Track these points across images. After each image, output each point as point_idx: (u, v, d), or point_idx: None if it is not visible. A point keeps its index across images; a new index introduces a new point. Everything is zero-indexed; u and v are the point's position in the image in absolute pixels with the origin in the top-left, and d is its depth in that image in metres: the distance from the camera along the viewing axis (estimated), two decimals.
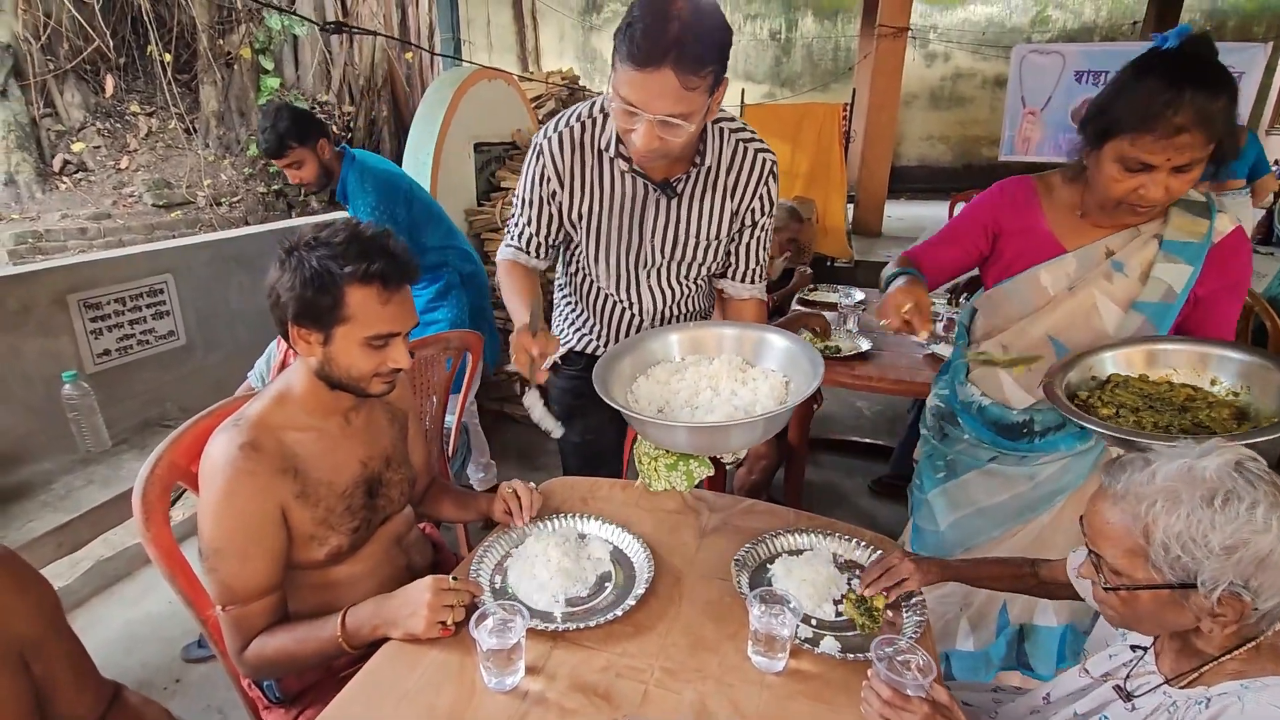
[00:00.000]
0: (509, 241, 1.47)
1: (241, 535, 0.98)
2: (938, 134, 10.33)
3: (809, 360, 1.24)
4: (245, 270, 2.62)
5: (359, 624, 1.00)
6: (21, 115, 5.18)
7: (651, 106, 1.06)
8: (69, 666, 0.76)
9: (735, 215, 1.40)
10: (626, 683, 0.92)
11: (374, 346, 1.03)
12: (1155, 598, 0.75)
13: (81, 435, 1.88)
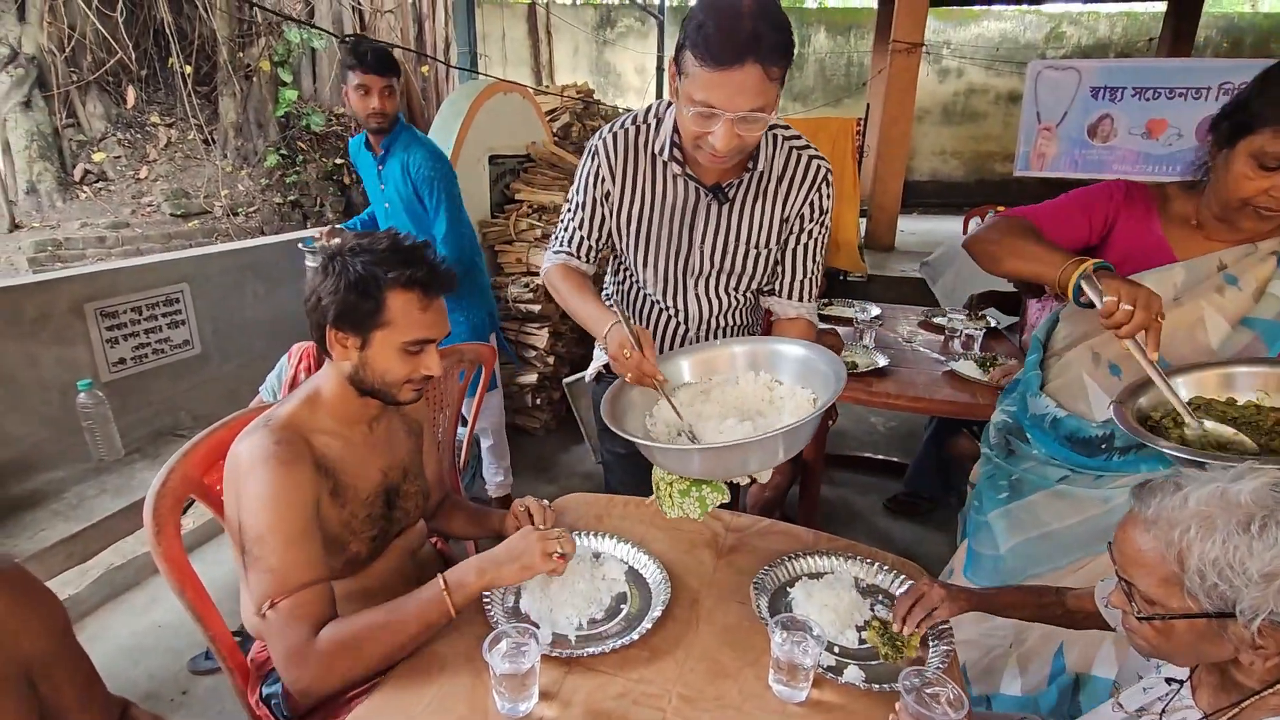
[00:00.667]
0: (557, 248, 1.45)
1: (287, 521, 0.95)
2: (950, 149, 10.31)
3: (829, 366, 1.18)
4: (260, 280, 2.63)
5: (461, 579, 0.98)
6: (45, 125, 5.26)
7: (734, 104, 1.05)
8: (77, 685, 0.74)
9: (785, 222, 1.37)
10: (643, 710, 0.89)
11: (409, 352, 1.04)
12: (1191, 628, 0.71)
13: (95, 444, 1.88)
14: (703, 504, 1.25)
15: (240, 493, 0.97)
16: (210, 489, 1.18)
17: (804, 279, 1.42)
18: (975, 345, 2.34)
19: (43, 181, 5.20)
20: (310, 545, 0.96)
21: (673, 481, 1.27)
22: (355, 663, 0.93)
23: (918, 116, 9.64)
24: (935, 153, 10.38)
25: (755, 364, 1.31)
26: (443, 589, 0.96)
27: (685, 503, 1.25)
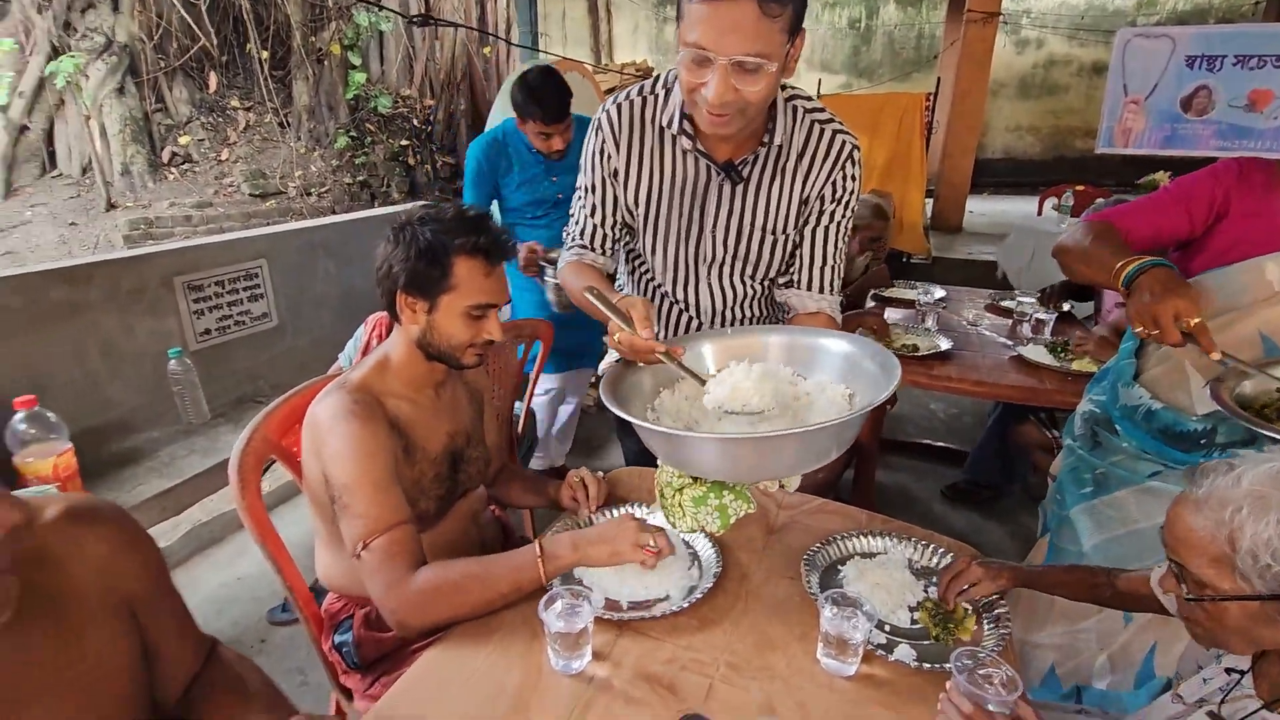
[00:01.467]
0: (569, 243, 1.36)
1: (372, 469, 1.00)
2: (1026, 125, 9.77)
3: (877, 363, 1.03)
4: (331, 257, 2.75)
5: (556, 550, 1.00)
6: (136, 110, 5.60)
7: (726, 45, 0.94)
8: (173, 620, 0.82)
9: (805, 203, 1.25)
10: (691, 676, 0.91)
11: (473, 317, 1.08)
12: (1244, 610, 0.69)
13: (184, 408, 2.03)
14: (724, 515, 1.07)
15: (322, 450, 1.03)
16: (288, 450, 1.26)
17: (824, 267, 1.30)
18: (1046, 330, 2.24)
19: (135, 164, 5.54)
20: (395, 490, 1.02)
21: (682, 488, 1.09)
22: (448, 605, 0.98)
23: (992, 90, 9.16)
24: (1010, 129, 9.86)
25: (792, 357, 1.14)
26: (538, 555, 0.99)
27: (700, 513, 1.07)
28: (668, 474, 1.11)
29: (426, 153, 6.90)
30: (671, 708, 0.86)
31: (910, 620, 1.02)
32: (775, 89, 1.05)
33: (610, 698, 0.88)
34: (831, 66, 10.07)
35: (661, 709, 0.86)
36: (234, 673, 0.87)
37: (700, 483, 1.08)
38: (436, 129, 7.10)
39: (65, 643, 0.66)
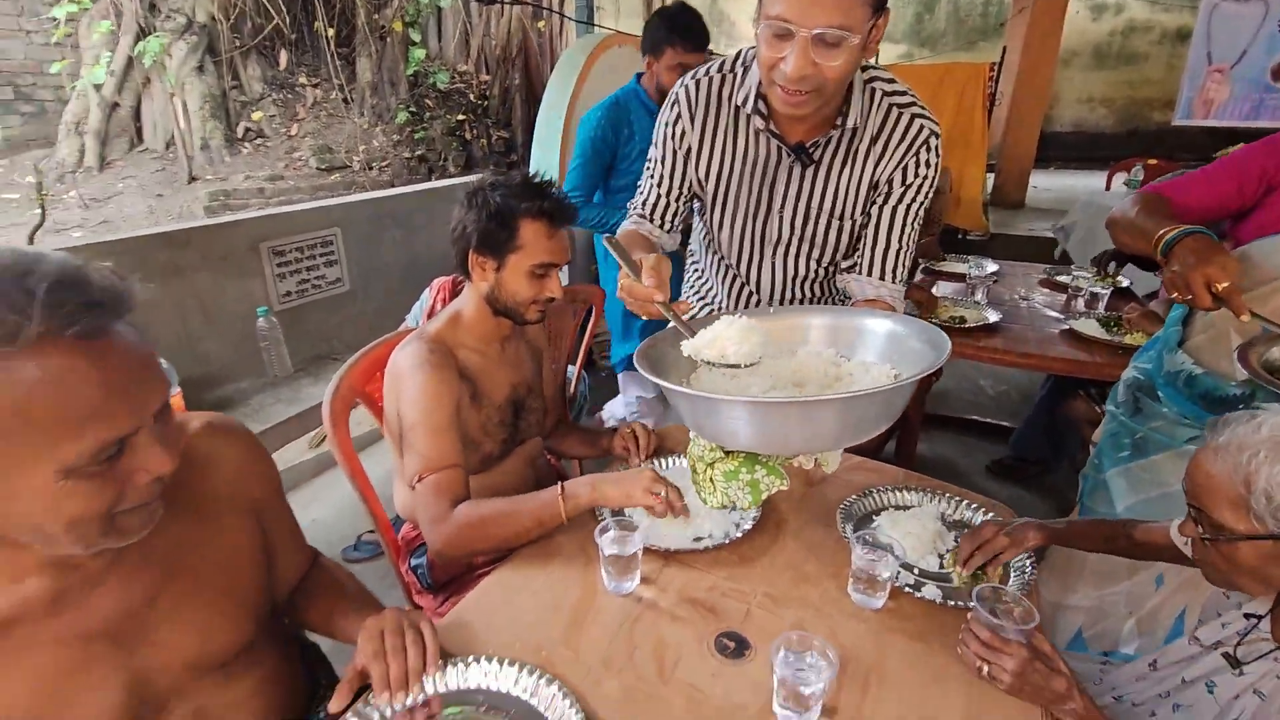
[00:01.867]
0: (632, 211, 1.38)
1: (435, 413, 1.13)
2: (1099, 96, 9.27)
3: (924, 340, 1.01)
4: (398, 226, 2.90)
5: (576, 489, 1.08)
6: (214, 88, 5.90)
7: (809, 17, 0.94)
8: (287, 527, 0.95)
9: (875, 187, 1.23)
10: (731, 602, 1.01)
11: (536, 275, 1.18)
12: (1256, 550, 0.73)
13: (270, 362, 2.22)
14: (755, 490, 1.04)
15: (399, 391, 1.16)
16: (370, 395, 1.40)
17: (887, 251, 1.25)
18: (1100, 304, 2.22)
19: (213, 139, 5.86)
20: (451, 437, 1.14)
21: (714, 462, 1.07)
22: (479, 537, 1.09)
23: (1064, 60, 8.74)
24: (1081, 100, 9.37)
25: (835, 340, 1.12)
26: (559, 495, 1.10)
27: (732, 487, 1.05)
28: (699, 448, 1.09)
29: (482, 127, 7.04)
30: (711, 626, 0.96)
31: (939, 565, 1.08)
32: (854, 67, 1.03)
33: (656, 615, 0.98)
34: (892, 35, 9.73)
35: (702, 627, 0.96)
36: (333, 576, 1.01)
37: (733, 457, 1.05)
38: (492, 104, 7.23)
39: (207, 530, 0.80)
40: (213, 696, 0.80)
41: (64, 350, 0.56)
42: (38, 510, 0.59)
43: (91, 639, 0.69)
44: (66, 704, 0.68)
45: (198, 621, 0.77)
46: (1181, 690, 0.92)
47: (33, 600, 0.66)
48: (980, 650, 0.85)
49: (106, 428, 0.59)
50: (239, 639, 0.81)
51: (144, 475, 0.63)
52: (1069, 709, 0.81)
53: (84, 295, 0.57)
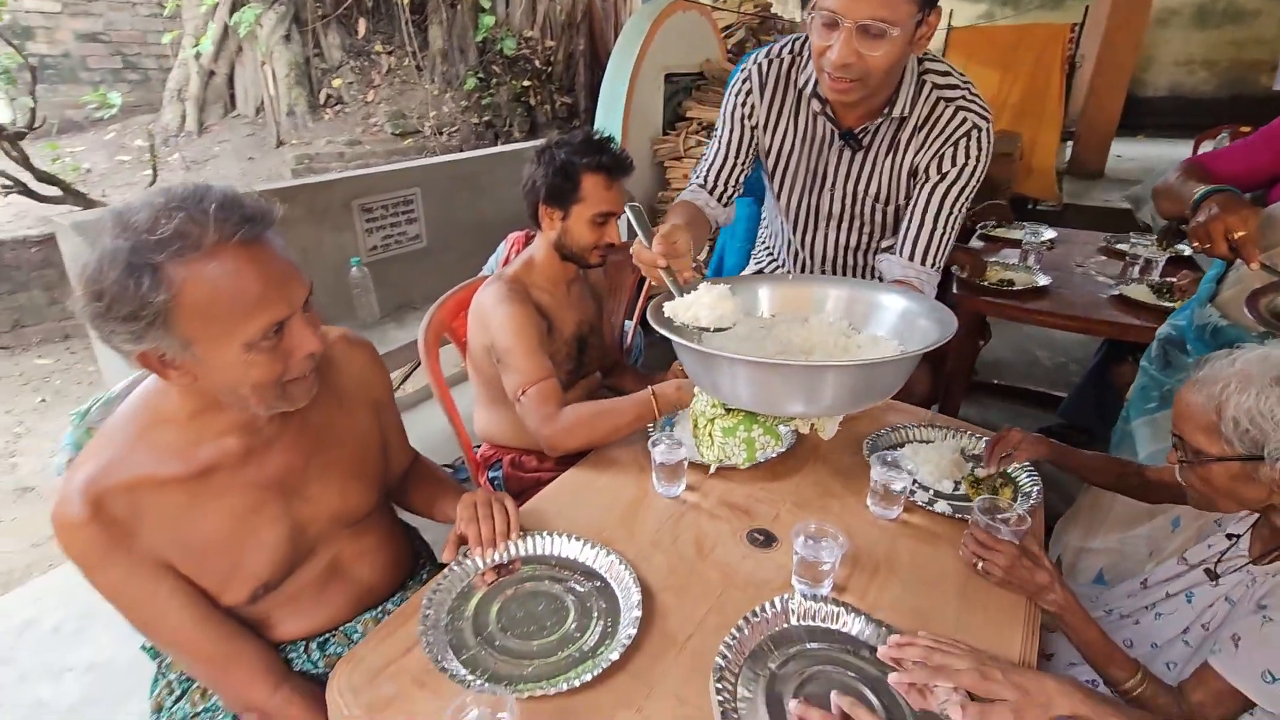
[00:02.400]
0: (693, 180, 1.45)
1: (526, 336, 1.31)
2: (1200, 58, 8.64)
3: (933, 319, 1.05)
4: (470, 188, 3.11)
5: (664, 391, 1.25)
6: (299, 56, 6.25)
7: (853, 9, 1.01)
8: (397, 424, 1.17)
9: (913, 175, 1.28)
10: (763, 507, 1.17)
11: (597, 223, 1.35)
12: (1227, 470, 0.84)
13: (361, 308, 2.47)
14: (750, 448, 1.08)
15: (488, 324, 1.35)
16: (456, 331, 1.61)
17: (919, 234, 1.27)
18: (1155, 270, 2.22)
19: (298, 105, 6.23)
20: (543, 355, 1.33)
21: (715, 419, 1.11)
22: (586, 432, 1.28)
23: (1161, 19, 8.19)
24: (1179, 62, 8.76)
25: (850, 312, 1.17)
26: (651, 394, 1.28)
27: (729, 444, 1.09)
28: (702, 403, 1.13)
29: (546, 93, 7.19)
30: (744, 523, 1.12)
31: (953, 488, 1.21)
32: (898, 59, 1.08)
33: (698, 514, 1.15)
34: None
35: (737, 524, 1.12)
36: (431, 470, 1.23)
37: (733, 414, 1.09)
38: (556, 69, 7.35)
39: (344, 416, 1.01)
40: (346, 546, 1.02)
41: (232, 253, 0.75)
42: (232, 377, 0.80)
43: (267, 487, 0.91)
44: (251, 534, 0.90)
45: (337, 484, 0.99)
46: (1164, 601, 1.04)
47: (229, 453, 0.88)
48: (976, 548, 0.99)
49: (270, 312, 0.78)
50: (365, 503, 1.03)
51: (300, 352, 0.83)
52: (1050, 599, 0.94)
53: (242, 211, 0.76)
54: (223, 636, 0.89)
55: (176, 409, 0.85)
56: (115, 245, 0.72)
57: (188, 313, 0.74)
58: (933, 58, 1.27)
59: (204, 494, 0.86)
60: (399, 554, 1.12)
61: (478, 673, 0.84)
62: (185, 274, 0.73)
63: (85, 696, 1.68)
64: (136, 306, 0.72)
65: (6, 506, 2.55)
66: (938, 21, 1.09)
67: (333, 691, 0.83)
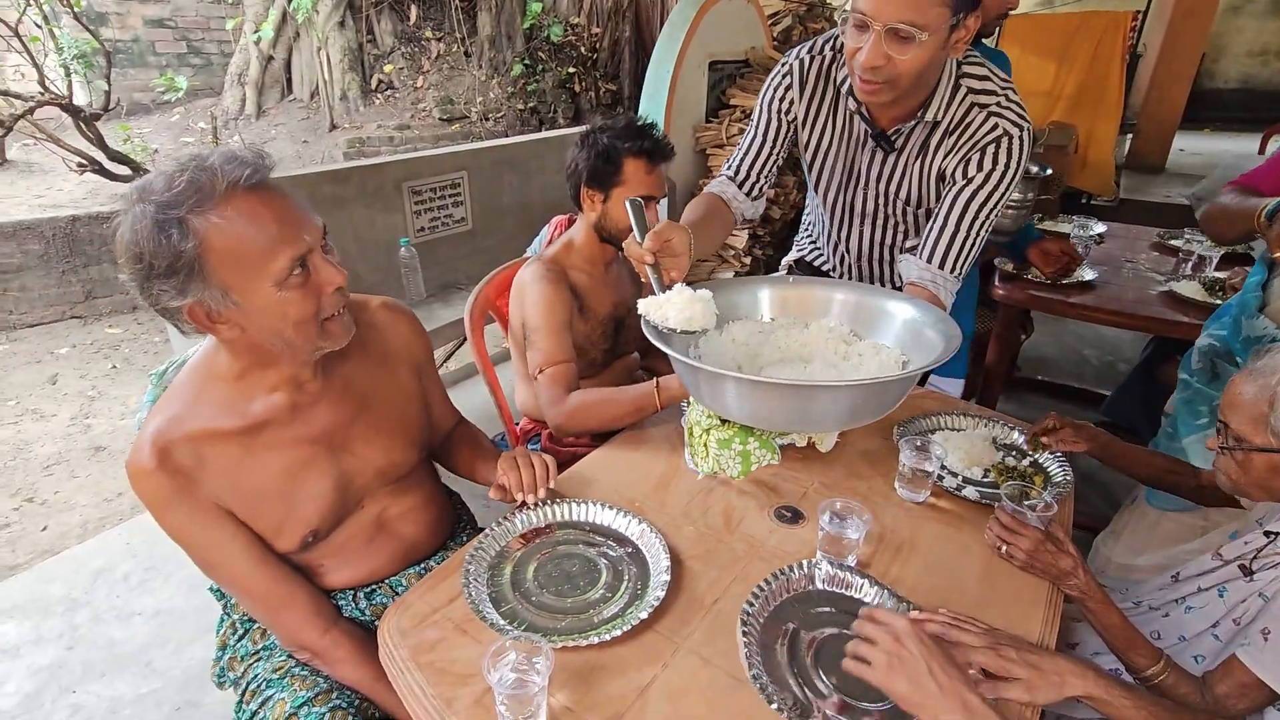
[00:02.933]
0: (723, 171, 1.45)
1: (553, 318, 1.38)
2: (1276, 48, 8.19)
3: (939, 332, 1.05)
4: (514, 172, 3.18)
5: (668, 384, 1.29)
6: (352, 42, 6.41)
7: (883, 13, 1.02)
8: (438, 388, 1.24)
9: (941, 179, 1.28)
10: (791, 486, 1.20)
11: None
12: (1268, 462, 0.84)
13: (407, 286, 2.57)
14: (746, 461, 1.09)
15: (524, 301, 1.41)
16: (500, 308, 1.68)
17: (940, 237, 1.25)
18: (1209, 267, 2.16)
19: (350, 90, 6.40)
20: (565, 338, 1.39)
21: (710, 429, 1.12)
22: (588, 417, 1.34)
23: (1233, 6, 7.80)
24: (1252, 53, 8.33)
25: (856, 317, 1.18)
26: (654, 388, 1.32)
27: (724, 456, 1.10)
28: (698, 413, 1.14)
29: (591, 80, 7.22)
30: (772, 500, 1.16)
31: (983, 475, 1.23)
32: (927, 63, 1.08)
33: (727, 488, 1.19)
34: None
35: (765, 500, 1.16)
36: (473, 433, 1.30)
37: (727, 426, 1.10)
38: (601, 56, 7.38)
39: (387, 376, 1.08)
40: (391, 503, 1.10)
41: (244, 196, 0.81)
42: (273, 318, 0.86)
43: (314, 441, 0.99)
44: (300, 484, 0.98)
45: (381, 441, 1.06)
46: (1195, 595, 1.04)
47: (278, 408, 0.95)
48: (1001, 532, 1.00)
49: (291, 247, 0.83)
50: (407, 460, 1.10)
51: (329, 286, 0.89)
52: (1072, 584, 0.95)
53: (242, 159, 0.82)
54: (278, 579, 0.98)
55: (228, 368, 0.94)
56: (141, 210, 0.79)
57: (217, 257, 0.81)
58: (973, 60, 1.24)
59: (256, 446, 0.94)
60: (441, 514, 1.19)
61: (515, 623, 0.90)
62: (206, 222, 0.80)
63: (152, 638, 1.81)
64: (172, 259, 0.79)
65: (82, 464, 2.74)
66: (977, 25, 1.08)
67: (383, 633, 0.90)
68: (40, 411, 3.13)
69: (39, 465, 2.73)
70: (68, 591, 1.98)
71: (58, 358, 3.68)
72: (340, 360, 1.01)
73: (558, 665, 0.82)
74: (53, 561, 2.12)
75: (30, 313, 4.05)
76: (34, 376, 3.45)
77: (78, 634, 1.83)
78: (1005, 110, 1.22)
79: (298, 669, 1.02)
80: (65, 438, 2.92)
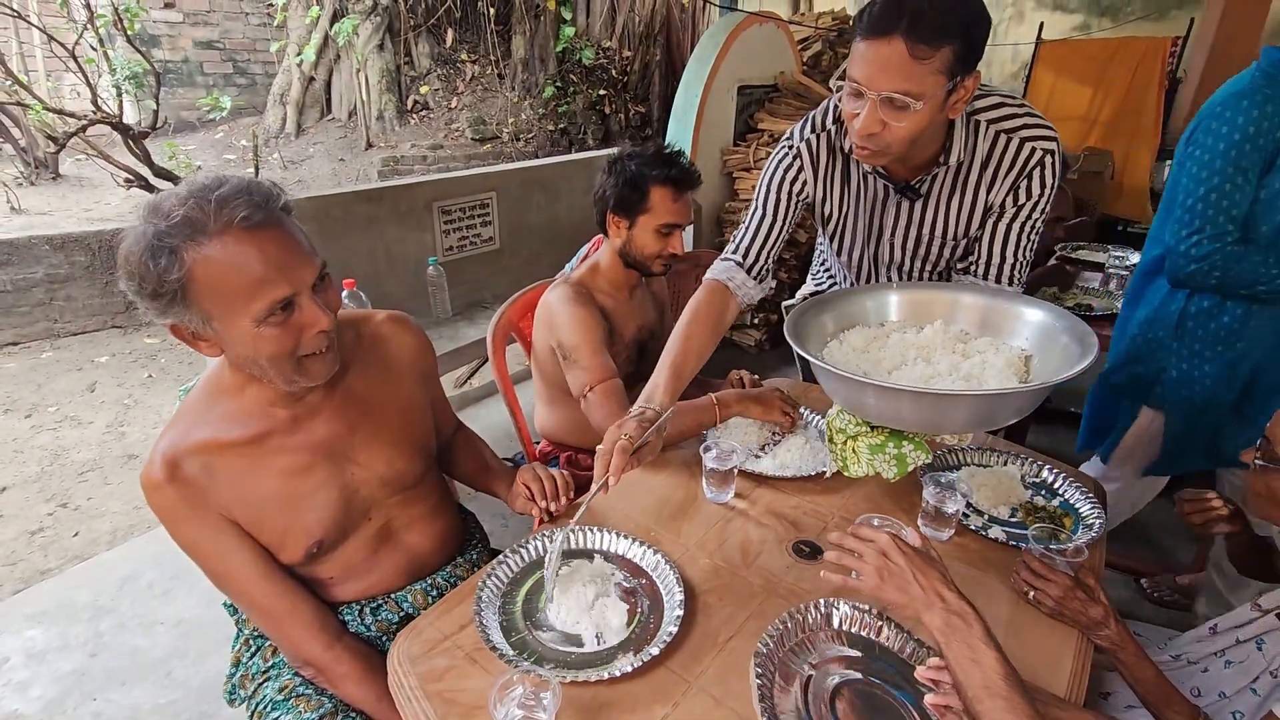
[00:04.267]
0: (726, 254, 1.37)
1: (592, 336, 1.38)
2: None
3: (1072, 334, 1.06)
4: (543, 193, 3.22)
5: (725, 398, 1.34)
6: (390, 64, 6.59)
7: (877, 82, 1.01)
8: (442, 397, 1.24)
9: (988, 211, 1.26)
10: (810, 519, 1.18)
11: (662, 234, 1.40)
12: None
13: (435, 304, 2.60)
14: (901, 463, 1.10)
15: (554, 323, 1.42)
16: (522, 330, 1.69)
17: (1002, 264, 1.28)
18: None
19: (387, 110, 6.57)
20: (607, 353, 1.39)
21: (856, 435, 1.13)
22: None
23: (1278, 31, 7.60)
24: None
25: (985, 322, 1.18)
26: (714, 402, 1.33)
27: (877, 459, 1.11)
28: (841, 420, 1.14)
29: (620, 102, 7.32)
30: (791, 534, 1.14)
31: (1009, 514, 1.19)
32: (925, 126, 1.08)
33: (744, 521, 1.17)
34: (1066, 5, 8.87)
35: (783, 533, 1.14)
36: (475, 439, 1.32)
37: (878, 432, 1.11)
38: (631, 79, 7.48)
39: (391, 386, 1.09)
40: (398, 512, 1.10)
41: (235, 237, 0.82)
42: (248, 349, 0.87)
43: (315, 451, 0.99)
44: (304, 494, 0.98)
45: (385, 450, 1.06)
46: (1234, 648, 0.99)
47: (278, 420, 0.97)
48: (1029, 577, 0.97)
49: (274, 290, 0.84)
50: (412, 470, 1.10)
51: (312, 328, 0.89)
52: (1103, 635, 0.91)
53: (248, 198, 0.83)
54: (282, 592, 0.98)
55: (231, 381, 0.96)
56: (144, 229, 0.81)
57: (200, 289, 0.82)
58: (980, 94, 1.22)
59: (260, 457, 0.95)
60: (449, 528, 1.19)
61: (525, 654, 0.89)
62: (194, 255, 0.81)
63: (174, 648, 1.84)
64: (158, 284, 0.81)
65: (115, 471, 2.81)
66: (976, 84, 1.07)
67: (392, 660, 0.90)
68: (78, 418, 3.22)
69: (74, 471, 2.80)
70: (94, 598, 2.02)
71: (97, 365, 3.80)
72: (341, 372, 1.02)
73: (566, 700, 0.81)
74: (82, 567, 2.17)
75: (74, 321, 4.19)
76: (74, 384, 3.56)
77: (102, 641, 1.87)
78: (1035, 131, 1.20)
79: (303, 688, 1.02)
80: (100, 444, 3.00)
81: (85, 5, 3.95)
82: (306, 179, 5.97)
